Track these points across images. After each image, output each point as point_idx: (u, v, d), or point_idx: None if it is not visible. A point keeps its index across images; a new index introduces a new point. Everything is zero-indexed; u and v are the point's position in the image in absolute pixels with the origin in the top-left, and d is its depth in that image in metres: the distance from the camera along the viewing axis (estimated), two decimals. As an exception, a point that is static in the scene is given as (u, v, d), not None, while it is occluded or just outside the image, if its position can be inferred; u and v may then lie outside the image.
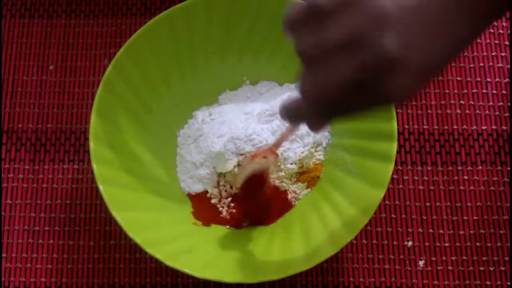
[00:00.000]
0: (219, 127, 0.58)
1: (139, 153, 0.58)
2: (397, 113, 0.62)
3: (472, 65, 0.64)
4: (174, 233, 0.55)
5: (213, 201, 0.58)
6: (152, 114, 0.60)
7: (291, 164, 0.58)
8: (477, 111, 0.63)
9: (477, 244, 0.59)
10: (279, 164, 0.57)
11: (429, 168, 0.61)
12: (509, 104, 0.63)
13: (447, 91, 0.63)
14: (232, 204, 0.57)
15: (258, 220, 0.57)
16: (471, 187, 0.60)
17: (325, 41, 0.33)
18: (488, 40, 0.65)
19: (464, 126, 0.62)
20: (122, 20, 0.66)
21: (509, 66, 0.64)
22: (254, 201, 0.56)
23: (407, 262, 0.58)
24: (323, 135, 0.59)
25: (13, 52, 0.66)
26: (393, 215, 0.60)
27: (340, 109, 0.36)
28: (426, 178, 0.61)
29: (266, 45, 0.61)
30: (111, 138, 0.56)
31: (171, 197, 0.58)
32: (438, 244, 0.59)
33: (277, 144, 0.51)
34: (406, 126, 0.62)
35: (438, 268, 0.58)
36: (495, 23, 0.66)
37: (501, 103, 0.63)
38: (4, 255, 0.59)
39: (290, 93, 0.60)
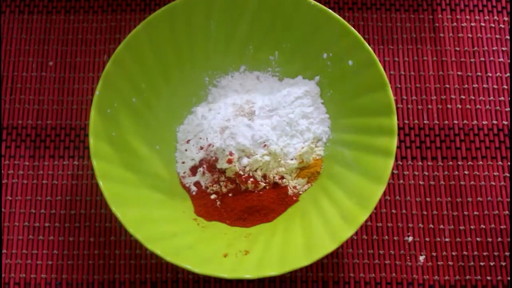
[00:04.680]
0: (218, 122, 0.58)
1: (139, 149, 0.58)
2: (397, 108, 0.62)
3: (472, 60, 0.64)
4: (174, 229, 0.55)
5: (212, 197, 0.57)
6: (152, 110, 0.60)
7: (291, 159, 0.58)
8: (478, 106, 0.63)
9: (478, 239, 0.59)
10: (280, 159, 0.57)
11: (429, 163, 0.61)
12: (510, 98, 0.63)
13: (447, 85, 0.63)
14: (232, 200, 0.57)
15: (259, 217, 0.57)
16: (472, 182, 0.60)
17: None
18: (489, 35, 0.65)
19: (465, 121, 0.62)
20: (122, 16, 0.66)
21: (510, 61, 0.64)
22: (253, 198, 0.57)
23: (408, 258, 0.58)
24: (323, 131, 0.59)
25: (12, 48, 0.66)
26: (393, 210, 0.60)
27: None
28: (426, 173, 0.61)
29: (267, 41, 0.61)
30: (111, 134, 0.56)
31: (171, 193, 0.58)
32: (438, 239, 0.59)
33: None
34: (406, 121, 0.62)
35: (439, 263, 0.58)
36: (495, 17, 0.65)
37: (502, 98, 0.63)
38: (4, 251, 0.59)
39: (290, 88, 0.60)
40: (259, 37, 0.61)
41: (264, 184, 0.57)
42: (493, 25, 0.65)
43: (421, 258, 0.58)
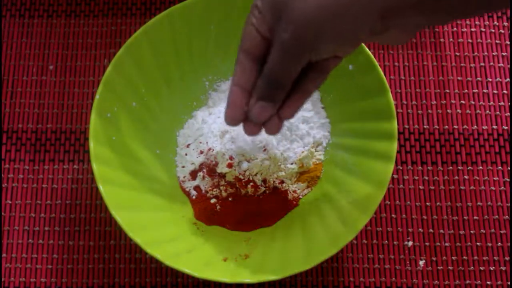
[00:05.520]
0: (219, 127, 0.58)
1: (139, 153, 0.58)
2: (397, 112, 0.62)
3: (472, 65, 0.64)
4: (174, 233, 0.55)
5: (212, 201, 0.57)
6: (152, 114, 0.60)
7: (291, 164, 0.58)
8: (478, 111, 0.63)
9: (478, 244, 0.59)
10: (280, 164, 0.57)
11: (429, 167, 0.61)
12: (509, 103, 0.63)
13: (447, 90, 0.63)
14: (232, 205, 0.57)
15: (259, 221, 0.57)
16: (472, 187, 0.60)
17: None
18: (489, 40, 0.65)
19: (465, 126, 0.62)
20: (122, 20, 0.66)
21: (509, 66, 0.64)
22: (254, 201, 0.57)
23: (408, 262, 0.58)
24: (323, 135, 0.59)
25: (13, 52, 0.66)
26: (393, 215, 0.60)
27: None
28: (426, 178, 0.61)
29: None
30: (111, 138, 0.56)
31: (171, 197, 0.58)
32: (438, 244, 0.59)
33: None
34: (407, 126, 0.62)
35: (439, 268, 0.58)
36: (495, 22, 0.66)
37: (501, 103, 0.63)
38: (4, 255, 0.59)
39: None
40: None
41: (264, 189, 0.57)
42: (493, 31, 0.65)
43: (421, 262, 0.58)
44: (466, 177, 0.61)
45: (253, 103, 0.43)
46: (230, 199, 0.57)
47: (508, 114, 0.63)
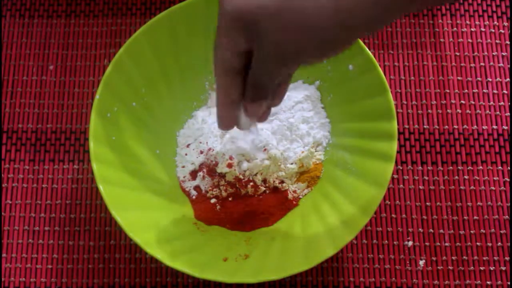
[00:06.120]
0: (219, 127, 0.58)
1: (139, 153, 0.58)
2: (397, 112, 0.62)
3: (472, 65, 0.64)
4: (174, 233, 0.55)
5: (213, 201, 0.57)
6: (152, 114, 0.60)
7: (291, 164, 0.58)
8: (478, 111, 0.63)
9: (478, 243, 0.59)
10: (280, 164, 0.57)
11: (429, 167, 0.61)
12: (509, 103, 0.63)
13: (447, 90, 0.63)
14: (232, 205, 0.57)
15: (259, 221, 0.57)
16: (472, 187, 0.60)
17: None
18: (489, 40, 0.65)
19: (465, 126, 0.62)
20: (122, 20, 0.66)
21: (509, 66, 0.64)
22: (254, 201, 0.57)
23: (408, 262, 0.58)
24: (323, 135, 0.59)
25: (13, 52, 0.66)
26: (393, 215, 0.60)
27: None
28: (426, 178, 0.61)
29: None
30: (111, 138, 0.56)
31: (171, 197, 0.58)
32: (438, 244, 0.59)
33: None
34: (407, 126, 0.62)
35: (439, 268, 0.58)
36: (495, 22, 0.66)
37: (501, 103, 0.63)
38: (4, 255, 0.59)
39: (290, 93, 0.60)
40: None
41: (264, 188, 0.57)
42: (493, 30, 0.65)
43: (421, 262, 0.58)
44: (466, 177, 0.61)
45: (247, 103, 0.44)
46: (230, 199, 0.57)
47: (508, 114, 0.63)
